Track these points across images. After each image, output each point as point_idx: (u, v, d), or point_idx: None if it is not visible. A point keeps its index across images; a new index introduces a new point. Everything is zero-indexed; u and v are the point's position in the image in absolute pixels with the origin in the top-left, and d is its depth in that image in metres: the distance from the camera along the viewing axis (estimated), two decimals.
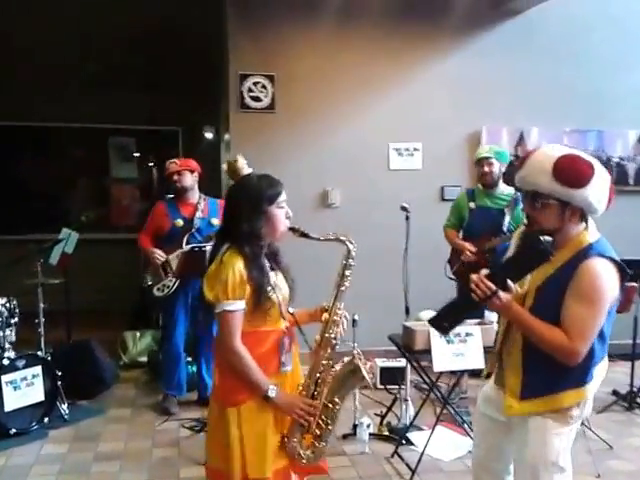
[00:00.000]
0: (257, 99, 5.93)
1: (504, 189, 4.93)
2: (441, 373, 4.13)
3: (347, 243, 2.52)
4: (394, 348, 4.28)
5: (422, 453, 3.89)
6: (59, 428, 4.55)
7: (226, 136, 6.33)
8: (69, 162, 8.65)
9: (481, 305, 2.30)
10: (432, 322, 2.44)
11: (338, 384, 2.43)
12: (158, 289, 4.84)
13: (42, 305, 4.90)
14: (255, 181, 2.44)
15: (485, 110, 6.23)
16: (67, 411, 4.70)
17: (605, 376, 2.41)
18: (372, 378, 2.53)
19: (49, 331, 5.02)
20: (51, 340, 5.17)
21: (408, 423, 4.40)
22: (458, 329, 3.70)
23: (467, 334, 3.73)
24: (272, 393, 2.33)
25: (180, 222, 4.86)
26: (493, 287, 2.23)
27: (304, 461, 2.42)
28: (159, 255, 4.79)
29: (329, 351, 2.44)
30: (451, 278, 5.14)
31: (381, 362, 5.53)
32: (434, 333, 3.67)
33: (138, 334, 6.33)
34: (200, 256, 4.51)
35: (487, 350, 3.48)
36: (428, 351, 3.73)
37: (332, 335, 2.45)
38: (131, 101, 7.98)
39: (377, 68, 6.11)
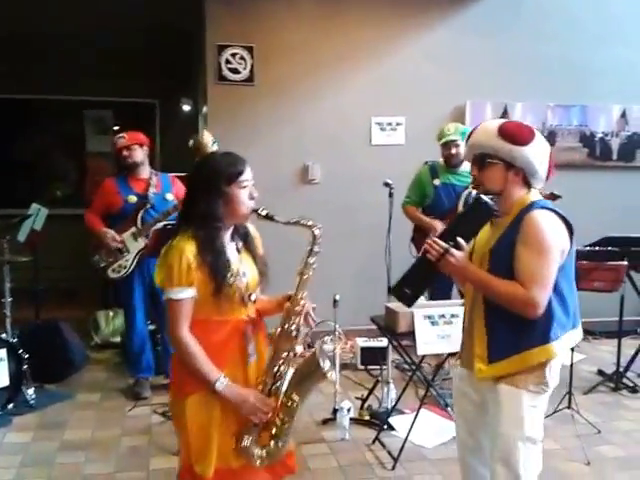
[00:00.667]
0: (235, 71, 5.70)
1: (467, 166, 4.76)
2: (424, 355, 3.96)
3: (313, 229, 2.32)
4: (376, 327, 4.11)
5: (405, 440, 3.72)
6: (24, 414, 4.32)
7: (204, 109, 6.09)
8: (42, 135, 8.29)
9: (438, 267, 2.33)
10: (394, 291, 2.44)
11: (298, 380, 2.27)
12: (113, 270, 4.64)
13: (8, 285, 4.65)
14: (216, 159, 2.30)
15: (469, 85, 6.05)
16: (33, 396, 4.47)
17: (582, 351, 2.43)
18: (333, 374, 2.33)
19: (18, 311, 4.79)
20: (20, 319, 4.95)
21: (390, 407, 4.25)
22: (443, 310, 3.55)
23: (452, 315, 3.55)
24: (220, 386, 2.16)
25: (133, 198, 4.64)
26: (445, 245, 2.30)
27: (258, 462, 2.24)
28: (113, 238, 4.58)
29: (289, 343, 2.28)
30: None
31: (362, 342, 5.37)
32: (418, 315, 3.49)
33: (111, 313, 6.11)
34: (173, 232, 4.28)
35: None
36: (411, 333, 3.55)
37: (293, 327, 2.28)
38: (107, 72, 7.68)
39: (361, 40, 5.91)
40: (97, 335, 5.99)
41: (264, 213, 2.29)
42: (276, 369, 2.25)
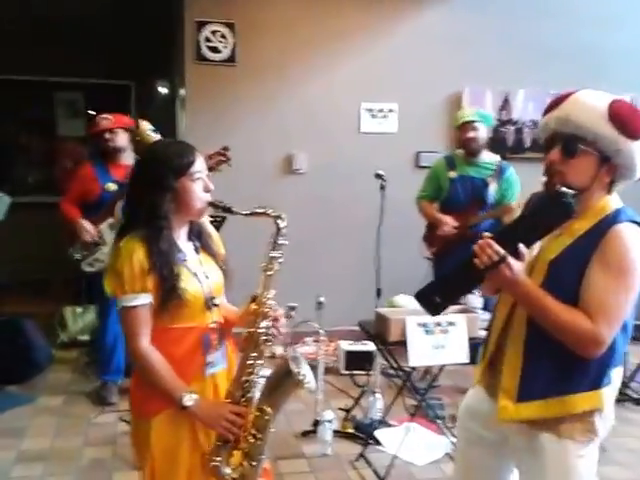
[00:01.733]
0: (215, 50, 5.30)
1: (487, 157, 4.43)
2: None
3: (277, 219, 2.05)
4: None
5: (393, 458, 3.39)
6: None
7: (181, 91, 5.70)
8: (10, 118, 7.85)
9: (484, 276, 1.84)
10: (420, 297, 1.95)
11: (269, 390, 2.01)
12: (89, 264, 4.31)
13: None
14: (162, 148, 2.07)
15: (467, 69, 5.67)
16: None
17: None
18: (310, 382, 2.00)
19: None
20: None
21: (376, 418, 3.92)
22: (439, 318, 3.20)
23: (449, 323, 3.21)
24: (189, 402, 1.91)
25: (112, 186, 4.28)
26: (502, 251, 1.78)
27: None
28: (89, 230, 4.26)
29: (257, 349, 2.01)
30: (428, 258, 4.62)
31: (347, 345, 5.03)
32: (411, 323, 3.15)
33: (79, 309, 5.73)
34: None
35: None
36: (404, 342, 3.20)
37: (260, 330, 2.01)
38: (79, 52, 7.25)
39: (352, 19, 5.51)
40: (63, 332, 5.61)
41: (222, 205, 2.04)
42: (244, 379, 2.00)
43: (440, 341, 3.20)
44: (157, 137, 3.99)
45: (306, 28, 5.43)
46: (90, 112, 7.80)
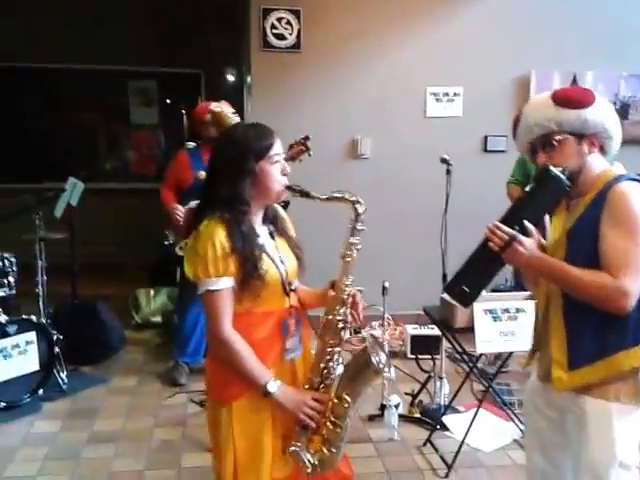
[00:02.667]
0: (281, 37, 5.32)
1: None
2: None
3: (355, 204, 2.03)
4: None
5: (461, 444, 3.37)
6: (55, 400, 4.14)
7: (248, 78, 5.75)
8: (84, 106, 8.07)
9: (501, 258, 1.94)
10: (449, 290, 2.03)
11: (349, 378, 1.99)
12: (181, 248, 4.35)
13: (40, 263, 4.45)
14: (240, 132, 2.04)
15: (534, 51, 5.52)
16: (66, 380, 4.29)
17: None
18: (389, 370, 2.11)
19: (55, 287, 4.63)
20: (56, 296, 4.80)
21: (443, 403, 3.90)
22: (507, 304, 3.16)
23: (517, 310, 3.16)
24: (273, 388, 1.92)
25: (203, 174, 4.30)
26: (510, 231, 1.90)
27: (309, 470, 1.98)
28: (180, 212, 4.28)
29: (336, 336, 2.01)
30: None
31: (412, 329, 5.02)
32: (478, 309, 3.12)
33: (152, 292, 5.90)
34: None
35: None
36: (471, 329, 3.18)
37: (339, 317, 2.00)
38: (151, 42, 7.42)
39: (415, 3, 5.45)
40: (137, 314, 5.78)
41: (299, 189, 2.03)
42: (323, 365, 2.00)
43: (509, 328, 3.16)
44: (237, 120, 4.04)
45: (370, 13, 5.38)
46: (167, 101, 8.02)
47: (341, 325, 2.00)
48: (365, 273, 5.37)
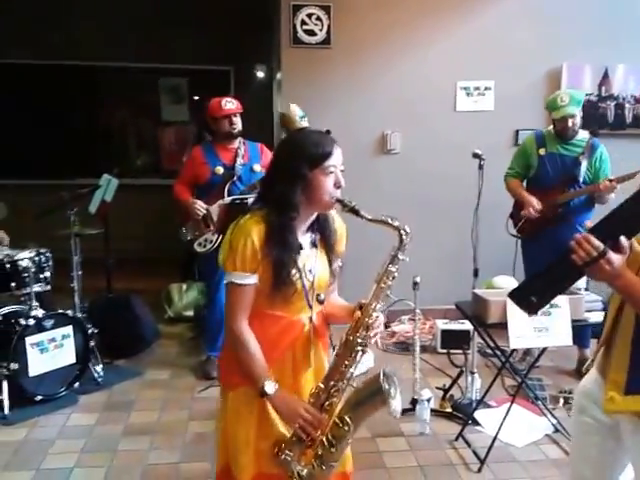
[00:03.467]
0: (311, 33, 5.33)
1: (581, 134, 4.29)
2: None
3: (401, 231, 1.98)
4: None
5: (494, 439, 3.37)
6: (91, 393, 4.21)
7: (278, 75, 5.78)
8: (117, 104, 8.20)
9: (582, 272, 1.75)
10: (514, 296, 1.87)
11: (356, 401, 1.97)
12: (199, 244, 4.38)
13: (76, 258, 4.51)
14: (302, 137, 2.04)
15: (565, 44, 5.49)
16: (101, 374, 4.36)
17: None
18: (396, 405, 1.94)
19: (90, 281, 4.73)
20: (91, 290, 4.89)
21: (474, 398, 3.91)
22: None
23: (552, 305, 3.13)
24: (270, 390, 1.95)
25: (220, 169, 4.35)
26: (601, 246, 1.68)
27: None
28: (199, 207, 4.29)
29: (353, 357, 1.98)
30: (514, 235, 4.56)
31: (442, 324, 5.02)
32: (512, 305, 3.10)
33: (184, 286, 5.99)
34: (241, 209, 4.01)
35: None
36: (503, 324, 3.17)
37: (359, 339, 1.98)
38: (181, 39, 7.49)
39: None
40: (170, 308, 5.87)
41: (350, 205, 1.98)
42: (332, 383, 1.99)
43: (543, 323, 3.13)
44: (304, 124, 4.03)
45: (400, 8, 5.37)
46: (195, 98, 8.08)
47: (359, 348, 1.98)
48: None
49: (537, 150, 4.36)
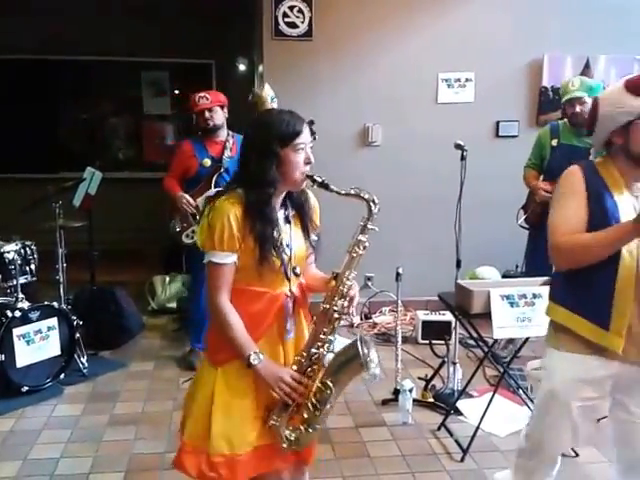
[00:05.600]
0: (293, 25, 5.34)
1: None
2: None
3: (370, 203, 2.10)
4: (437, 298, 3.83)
5: (476, 429, 3.43)
6: (76, 384, 4.24)
7: (259, 67, 5.77)
8: (100, 98, 8.18)
9: None
10: None
11: (336, 367, 2.11)
12: (187, 236, 4.44)
13: (60, 250, 4.53)
14: (272, 116, 2.11)
15: (546, 35, 5.53)
16: (86, 365, 4.39)
17: None
18: (375, 368, 2.09)
19: (74, 274, 4.76)
20: (75, 282, 4.92)
21: (456, 388, 3.97)
22: (524, 290, 3.20)
23: (535, 295, 3.18)
24: (255, 360, 2.04)
25: (208, 162, 4.42)
26: None
27: (285, 445, 2.11)
28: (187, 201, 4.37)
29: (331, 325, 2.10)
30: (522, 227, 4.59)
31: (423, 315, 5.08)
32: (495, 295, 3.17)
33: (167, 279, 6.01)
34: None
35: None
36: (486, 315, 3.22)
37: (336, 307, 2.09)
38: (163, 32, 7.45)
39: None
40: (153, 300, 5.90)
41: (319, 180, 2.08)
42: (313, 351, 2.10)
43: (526, 314, 3.19)
44: (275, 105, 4.10)
45: (382, 0, 5.39)
46: (176, 92, 8.06)
47: (337, 315, 2.09)
48: (378, 259, 5.45)
49: (550, 141, 4.41)
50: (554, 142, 4.36)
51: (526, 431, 2.50)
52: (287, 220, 2.14)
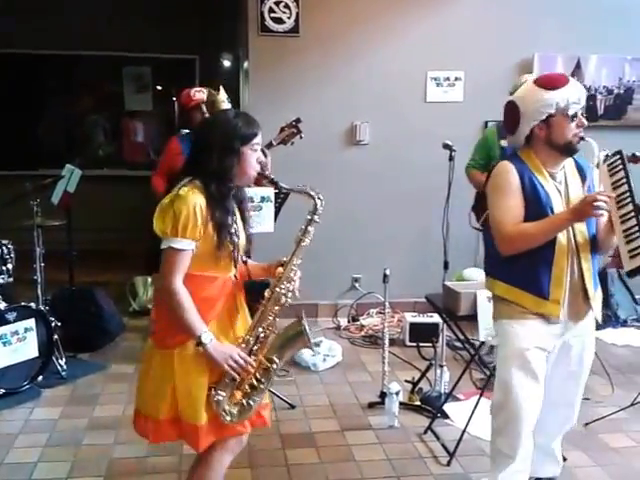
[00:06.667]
0: (279, 21, 5.26)
1: None
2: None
3: (315, 199, 2.35)
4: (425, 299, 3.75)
5: (463, 432, 3.36)
6: (54, 387, 4.13)
7: (245, 64, 5.69)
8: (79, 93, 8.04)
9: None
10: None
11: (281, 343, 2.32)
12: None
13: (39, 249, 4.42)
14: (231, 117, 2.28)
15: (537, 34, 5.48)
16: (65, 367, 4.28)
17: None
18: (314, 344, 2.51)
19: (52, 274, 4.68)
20: (54, 283, 4.82)
21: (443, 391, 3.90)
22: None
23: None
24: (206, 339, 2.16)
25: None
26: None
27: (228, 418, 2.25)
28: None
29: (277, 307, 2.31)
30: (477, 229, 4.53)
31: (411, 317, 5.01)
32: (482, 297, 3.11)
33: (149, 279, 5.86)
34: None
35: None
36: (473, 317, 3.17)
37: (282, 291, 2.31)
38: (146, 26, 7.35)
39: None
40: (135, 301, 5.78)
41: (269, 178, 2.37)
42: (260, 330, 2.28)
43: None
44: (229, 106, 4.05)
45: None
46: (158, 88, 7.96)
47: (284, 299, 2.29)
48: (365, 260, 5.41)
49: (498, 141, 4.34)
50: (503, 142, 4.29)
51: (492, 401, 2.74)
52: (233, 212, 2.31)
